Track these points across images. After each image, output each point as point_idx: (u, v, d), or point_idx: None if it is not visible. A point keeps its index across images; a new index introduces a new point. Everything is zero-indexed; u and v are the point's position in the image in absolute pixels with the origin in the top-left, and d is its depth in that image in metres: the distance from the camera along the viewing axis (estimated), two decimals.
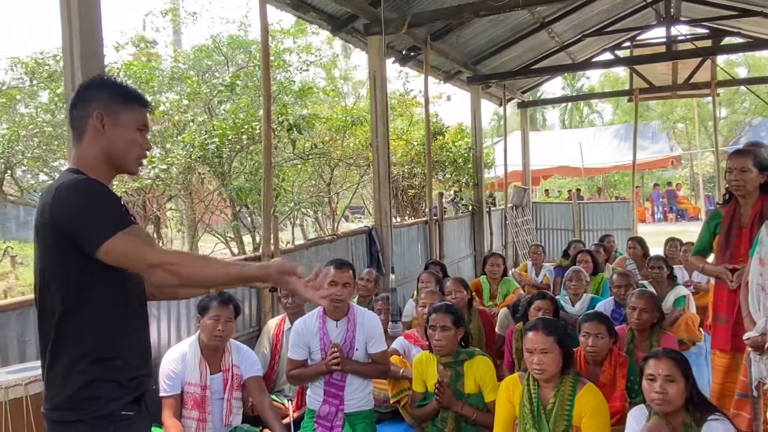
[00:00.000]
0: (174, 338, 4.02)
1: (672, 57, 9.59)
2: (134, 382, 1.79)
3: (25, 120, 6.21)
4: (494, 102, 11.94)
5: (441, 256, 8.16)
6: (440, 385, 3.26)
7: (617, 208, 12.12)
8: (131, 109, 1.82)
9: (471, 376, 3.33)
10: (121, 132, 1.80)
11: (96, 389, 1.70)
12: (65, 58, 3.25)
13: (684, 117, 26.29)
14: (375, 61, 6.46)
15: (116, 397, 1.73)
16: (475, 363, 3.35)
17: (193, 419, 3.32)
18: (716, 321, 3.44)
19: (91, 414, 1.69)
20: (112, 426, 1.71)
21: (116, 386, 1.73)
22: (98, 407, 1.69)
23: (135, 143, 1.83)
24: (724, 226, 3.40)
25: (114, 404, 1.72)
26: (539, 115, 32.97)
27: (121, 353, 1.76)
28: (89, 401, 1.69)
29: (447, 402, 3.26)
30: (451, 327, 3.34)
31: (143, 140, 1.86)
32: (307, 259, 5.54)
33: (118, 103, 1.81)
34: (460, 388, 3.32)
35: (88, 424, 1.69)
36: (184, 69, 6.65)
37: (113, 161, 1.82)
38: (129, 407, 1.76)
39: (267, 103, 4.64)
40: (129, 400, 1.76)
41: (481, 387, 3.31)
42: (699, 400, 2.47)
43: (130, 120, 1.82)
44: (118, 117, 1.80)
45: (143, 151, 1.88)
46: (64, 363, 1.71)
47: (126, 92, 1.86)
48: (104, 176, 1.82)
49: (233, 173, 6.04)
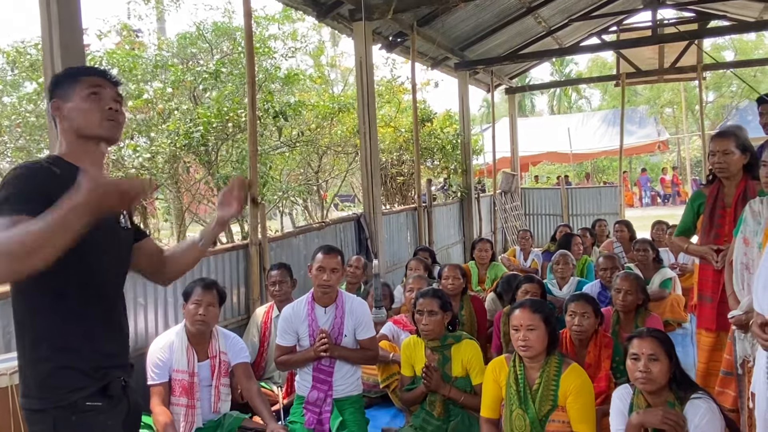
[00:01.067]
0: (161, 326, 4.01)
1: (658, 41, 9.59)
2: (101, 372, 1.74)
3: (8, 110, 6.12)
4: (482, 88, 11.92)
5: (430, 242, 8.19)
6: (427, 368, 3.28)
7: (605, 192, 12.19)
8: (75, 82, 1.81)
9: (458, 359, 3.35)
10: (75, 106, 1.79)
11: (59, 378, 1.66)
12: (44, 46, 3.21)
13: (671, 101, 26.43)
14: (361, 48, 6.42)
15: (80, 386, 1.68)
16: (462, 346, 3.37)
17: (182, 406, 3.33)
18: (701, 300, 3.48)
19: (53, 403, 1.65)
20: (75, 417, 1.67)
21: (80, 375, 1.69)
22: (60, 397, 1.65)
23: (91, 110, 1.79)
24: (708, 207, 3.42)
25: (77, 394, 1.67)
26: (528, 102, 32.96)
27: (83, 341, 1.71)
28: (52, 390, 1.66)
29: (434, 385, 3.28)
30: (438, 312, 3.35)
31: (101, 102, 1.81)
32: (295, 247, 5.53)
33: (65, 84, 1.81)
34: (448, 372, 3.34)
35: (50, 414, 1.65)
36: (168, 57, 6.57)
37: (85, 135, 1.80)
38: (95, 398, 1.71)
39: (252, 90, 4.61)
40: (94, 390, 1.71)
41: (468, 370, 3.33)
42: (682, 379, 2.50)
43: (78, 91, 1.80)
44: (68, 95, 1.79)
45: (106, 111, 1.81)
46: (27, 350, 1.69)
47: (69, 72, 1.88)
48: (85, 154, 1.79)
49: (220, 162, 6.00)
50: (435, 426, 3.31)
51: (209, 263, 4.50)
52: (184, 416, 3.32)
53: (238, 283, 4.77)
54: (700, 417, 2.36)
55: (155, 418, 3.20)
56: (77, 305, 1.72)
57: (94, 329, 1.76)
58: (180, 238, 6.34)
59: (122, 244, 1.93)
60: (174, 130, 5.26)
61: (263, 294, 4.82)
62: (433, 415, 3.33)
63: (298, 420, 3.49)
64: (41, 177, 1.65)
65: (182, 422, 3.30)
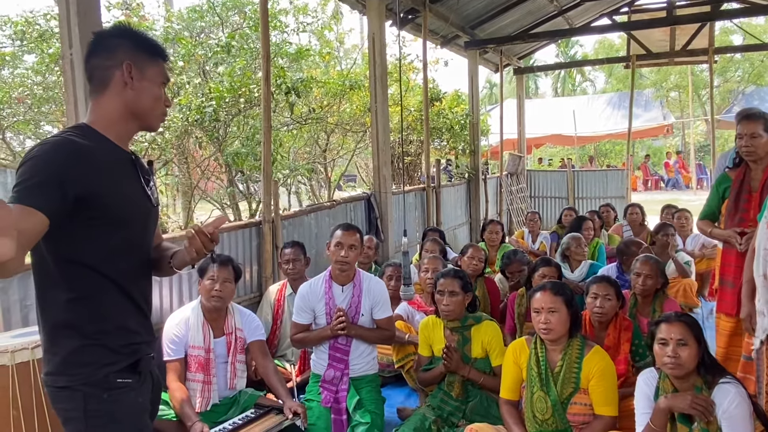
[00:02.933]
0: (176, 303, 3.98)
1: (671, 22, 9.47)
2: (129, 348, 1.71)
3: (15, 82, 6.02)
4: (490, 68, 11.80)
5: (438, 223, 8.15)
6: (448, 349, 3.26)
7: (611, 176, 12.12)
8: (156, 63, 1.74)
9: (478, 340, 3.33)
10: (148, 86, 1.72)
11: (86, 354, 1.63)
12: (61, 14, 3.12)
13: (678, 85, 26.21)
14: (374, 24, 6.31)
15: (109, 362, 1.64)
16: (483, 328, 3.34)
17: (198, 381, 3.31)
18: (723, 285, 3.45)
19: (82, 380, 1.61)
20: (107, 394, 1.64)
21: (108, 351, 1.66)
22: (89, 373, 1.61)
23: (160, 99, 1.76)
24: (734, 191, 3.38)
25: (106, 369, 1.64)
26: (532, 83, 32.73)
27: (110, 317, 1.67)
28: (80, 366, 1.62)
29: (454, 366, 3.26)
30: (459, 292, 3.32)
31: (165, 96, 1.80)
32: (307, 225, 5.49)
33: (145, 55, 1.72)
34: (467, 353, 3.32)
35: (80, 390, 1.62)
36: (178, 30, 6.45)
37: (138, 117, 1.73)
38: (125, 374, 1.68)
39: (266, 63, 4.52)
40: (124, 366, 1.68)
41: (488, 351, 3.31)
42: (711, 364, 2.47)
43: (156, 74, 1.74)
44: (145, 70, 1.71)
45: (165, 107, 1.80)
46: (49, 326, 1.65)
47: (152, 44, 1.77)
48: (124, 133, 1.74)
49: (229, 138, 5.92)
50: (453, 407, 3.30)
51: (222, 240, 4.46)
52: (200, 392, 3.30)
53: (251, 261, 4.74)
54: (729, 401, 2.33)
55: (172, 394, 3.18)
56: (107, 281, 1.68)
57: (125, 304, 1.73)
58: (188, 215, 6.29)
59: (153, 221, 1.89)
60: (186, 105, 5.18)
61: (276, 271, 4.79)
62: (451, 396, 3.32)
63: (314, 398, 3.48)
64: (63, 158, 1.56)
65: (198, 398, 3.29)
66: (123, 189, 1.69)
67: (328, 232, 5.56)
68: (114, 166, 1.68)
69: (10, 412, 2.41)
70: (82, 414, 1.61)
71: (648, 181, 22.23)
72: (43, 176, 1.50)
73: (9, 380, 2.42)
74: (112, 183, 1.65)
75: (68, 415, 1.64)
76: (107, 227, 1.65)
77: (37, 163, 1.52)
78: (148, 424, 1.79)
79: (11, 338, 2.63)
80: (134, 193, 1.75)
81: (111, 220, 1.65)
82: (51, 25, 5.93)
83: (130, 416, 1.70)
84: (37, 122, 6.29)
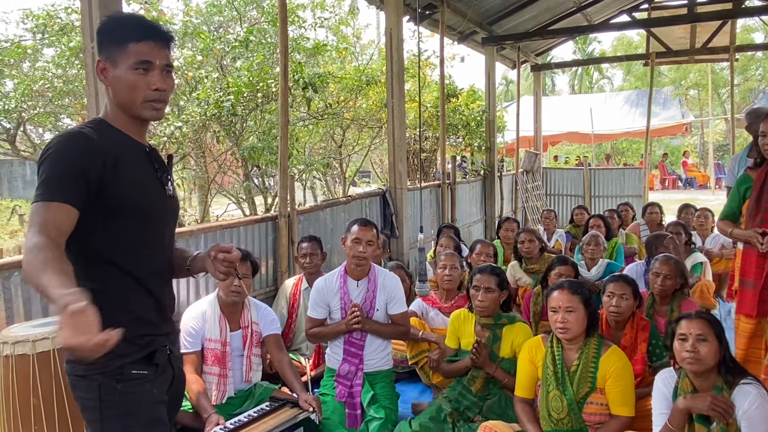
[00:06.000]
0: (193, 296, 4.01)
1: (692, 19, 9.34)
2: (144, 340, 1.71)
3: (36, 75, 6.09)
4: (507, 65, 11.73)
5: (453, 219, 8.13)
6: (478, 344, 3.25)
7: (629, 174, 12.00)
8: (124, 48, 1.64)
9: (508, 340, 3.32)
10: (121, 76, 1.64)
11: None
12: (83, 7, 3.15)
13: (697, 83, 25.88)
14: (392, 19, 6.29)
15: (123, 353, 1.62)
16: (515, 329, 3.34)
17: (214, 374, 3.34)
18: (743, 286, 3.40)
19: (98, 369, 1.61)
20: (121, 385, 1.64)
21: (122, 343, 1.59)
22: (104, 363, 1.59)
23: (136, 86, 1.64)
24: (755, 191, 3.32)
25: (121, 360, 1.64)
26: (548, 80, 32.53)
27: (126, 308, 1.67)
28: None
29: (482, 362, 3.25)
30: (495, 289, 3.32)
31: (148, 77, 1.65)
32: (322, 220, 5.51)
33: (113, 45, 1.65)
34: (495, 351, 3.32)
35: (96, 380, 1.63)
36: (197, 24, 6.49)
37: (125, 109, 1.70)
38: (140, 365, 1.68)
39: (284, 58, 4.53)
40: (139, 358, 1.68)
41: (517, 353, 3.28)
42: (732, 364, 2.44)
43: (126, 59, 1.63)
44: (115, 61, 1.64)
45: (151, 91, 1.66)
46: None
47: (116, 29, 1.66)
48: (131, 126, 1.73)
49: (246, 133, 5.95)
50: (471, 401, 3.30)
51: (239, 234, 4.49)
52: (216, 385, 3.33)
53: (266, 255, 4.77)
54: (749, 403, 2.30)
55: (188, 386, 3.19)
56: (124, 273, 1.69)
57: (141, 297, 1.73)
58: (205, 209, 6.33)
59: (171, 215, 1.90)
60: (204, 99, 5.20)
61: (291, 266, 4.81)
62: (470, 391, 3.32)
63: (329, 392, 3.49)
64: (78, 150, 1.57)
65: (214, 391, 3.32)
66: (136, 179, 1.69)
67: (342, 228, 5.57)
68: (126, 157, 1.67)
69: (30, 401, 2.45)
70: (98, 403, 1.63)
71: (665, 180, 22.00)
72: (64, 170, 1.53)
73: (30, 369, 2.45)
74: (126, 172, 1.65)
75: (85, 403, 1.66)
76: (122, 218, 1.65)
77: (56, 158, 1.54)
78: (163, 416, 1.78)
79: (32, 328, 2.66)
80: (148, 183, 1.75)
81: (126, 210, 1.66)
82: (71, 19, 5.99)
83: (143, 407, 1.70)
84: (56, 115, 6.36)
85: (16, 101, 5.70)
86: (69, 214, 1.50)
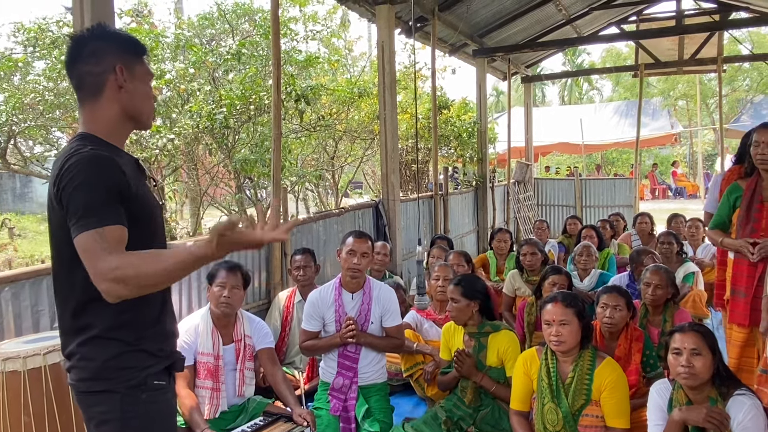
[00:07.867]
0: (185, 310, 3.98)
1: (680, 31, 9.46)
2: (164, 352, 1.75)
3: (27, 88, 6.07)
4: (498, 76, 11.81)
5: (445, 230, 8.14)
6: (459, 353, 3.26)
7: (619, 184, 12.08)
8: (142, 61, 1.74)
9: (494, 348, 3.32)
10: (140, 86, 1.71)
11: (127, 359, 1.65)
12: (75, 21, 3.14)
13: (685, 94, 26.14)
14: (384, 32, 6.33)
15: (148, 365, 1.68)
16: (500, 336, 3.33)
17: (207, 389, 3.30)
18: (735, 295, 3.41)
19: (123, 383, 1.64)
20: (145, 395, 1.67)
21: (147, 356, 1.69)
22: (130, 376, 1.64)
23: (150, 96, 1.76)
24: (745, 200, 3.35)
25: (146, 372, 1.67)
26: (538, 91, 32.75)
27: (148, 323, 1.70)
28: (120, 371, 1.64)
29: (465, 371, 3.26)
30: (459, 299, 3.33)
31: (152, 89, 1.81)
32: (315, 232, 5.49)
33: (131, 55, 1.70)
34: (482, 360, 3.32)
35: (119, 393, 1.64)
36: (189, 37, 6.50)
37: (133, 117, 1.73)
38: (161, 377, 1.72)
39: (277, 71, 4.53)
40: (160, 369, 1.72)
41: (504, 361, 3.29)
42: (726, 375, 2.45)
43: (144, 72, 1.74)
44: (134, 70, 1.69)
45: (153, 102, 1.81)
46: (90, 334, 1.64)
47: (135, 42, 1.76)
48: (121, 137, 1.75)
49: (238, 145, 5.94)
50: (464, 412, 3.29)
51: None
52: (209, 399, 3.30)
53: (259, 267, 4.75)
54: (744, 413, 2.31)
55: (181, 401, 3.16)
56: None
57: (157, 310, 1.75)
58: (197, 221, 6.31)
59: (163, 224, 1.92)
60: (197, 111, 5.20)
61: (285, 278, 4.79)
62: (464, 402, 3.32)
63: (323, 406, 3.47)
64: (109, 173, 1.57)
65: (207, 405, 3.28)
66: (141, 191, 1.72)
67: (336, 240, 5.56)
68: (129, 170, 1.69)
69: (21, 418, 2.41)
70: (120, 414, 1.64)
71: (655, 190, 22.14)
72: (106, 193, 1.54)
73: (21, 386, 2.42)
74: (135, 186, 1.67)
75: (105, 417, 1.66)
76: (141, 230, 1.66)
77: (91, 183, 1.53)
78: (177, 425, 1.85)
79: (23, 344, 2.63)
80: (147, 193, 1.79)
81: (143, 222, 1.68)
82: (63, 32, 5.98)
83: (165, 416, 1.76)
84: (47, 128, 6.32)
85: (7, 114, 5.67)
86: (123, 232, 1.54)
